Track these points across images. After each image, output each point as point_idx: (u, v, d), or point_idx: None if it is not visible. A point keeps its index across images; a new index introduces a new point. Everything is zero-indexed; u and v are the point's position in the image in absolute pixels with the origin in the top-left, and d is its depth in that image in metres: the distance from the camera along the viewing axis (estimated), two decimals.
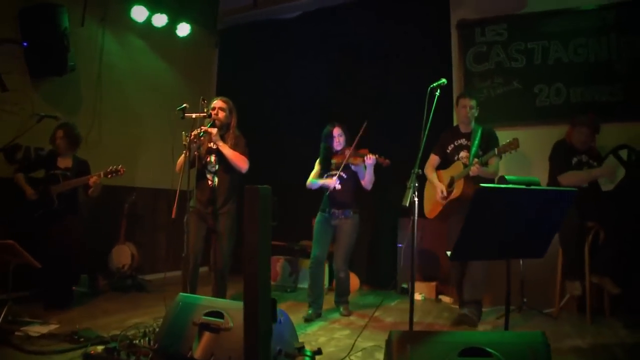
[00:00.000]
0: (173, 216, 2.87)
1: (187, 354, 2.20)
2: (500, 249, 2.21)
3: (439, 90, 2.60)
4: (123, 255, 4.61)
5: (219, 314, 2.25)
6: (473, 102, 3.59)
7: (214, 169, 3.50)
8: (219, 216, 3.47)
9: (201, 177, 3.51)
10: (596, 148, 3.72)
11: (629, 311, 3.56)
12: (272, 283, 5.54)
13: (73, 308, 3.73)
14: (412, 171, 2.38)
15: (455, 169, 3.57)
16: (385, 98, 5.36)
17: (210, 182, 3.48)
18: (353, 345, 2.81)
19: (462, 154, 3.57)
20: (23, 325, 3.07)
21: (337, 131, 3.74)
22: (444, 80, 2.65)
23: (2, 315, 2.90)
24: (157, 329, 2.70)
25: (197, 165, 3.47)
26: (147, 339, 2.59)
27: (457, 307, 3.80)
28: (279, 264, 5.54)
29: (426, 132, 2.47)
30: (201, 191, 3.50)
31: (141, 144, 5.31)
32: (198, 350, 2.19)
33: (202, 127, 3.29)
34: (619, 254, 3.41)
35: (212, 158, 3.50)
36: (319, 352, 2.39)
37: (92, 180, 3.76)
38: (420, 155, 2.44)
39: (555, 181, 3.65)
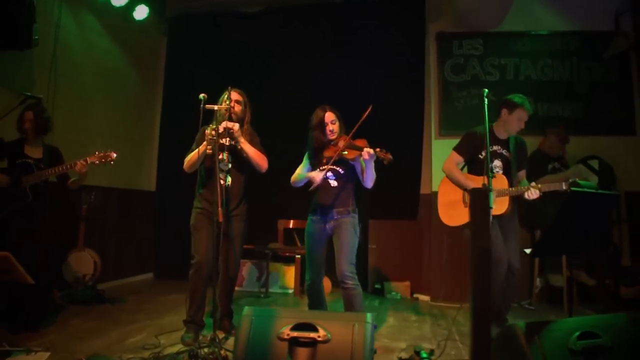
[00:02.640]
0: (220, 220, 2.59)
1: None
2: (568, 246, 2.42)
3: (486, 99, 2.71)
4: (84, 263, 3.98)
5: (310, 326, 2.08)
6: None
7: (226, 168, 3.21)
8: (232, 218, 3.21)
9: (211, 175, 3.21)
10: (566, 158, 4.22)
11: (593, 301, 4.09)
12: (238, 289, 5.24)
13: (45, 329, 3.14)
14: (488, 174, 2.46)
15: (498, 183, 3.13)
16: (352, 101, 5.40)
17: (222, 182, 3.20)
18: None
19: (497, 162, 3.25)
20: (6, 355, 2.52)
21: (329, 117, 3.06)
22: (486, 90, 2.77)
23: None
24: (209, 349, 2.43)
25: (206, 163, 3.17)
26: None
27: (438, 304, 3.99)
28: (244, 268, 5.27)
29: (488, 136, 2.57)
30: (211, 191, 3.19)
31: (95, 136, 4.65)
32: None
33: (227, 123, 3.02)
34: (591, 251, 3.92)
35: (225, 155, 3.21)
36: (432, 352, 2.37)
37: (79, 166, 3.15)
38: (489, 156, 2.54)
39: None
